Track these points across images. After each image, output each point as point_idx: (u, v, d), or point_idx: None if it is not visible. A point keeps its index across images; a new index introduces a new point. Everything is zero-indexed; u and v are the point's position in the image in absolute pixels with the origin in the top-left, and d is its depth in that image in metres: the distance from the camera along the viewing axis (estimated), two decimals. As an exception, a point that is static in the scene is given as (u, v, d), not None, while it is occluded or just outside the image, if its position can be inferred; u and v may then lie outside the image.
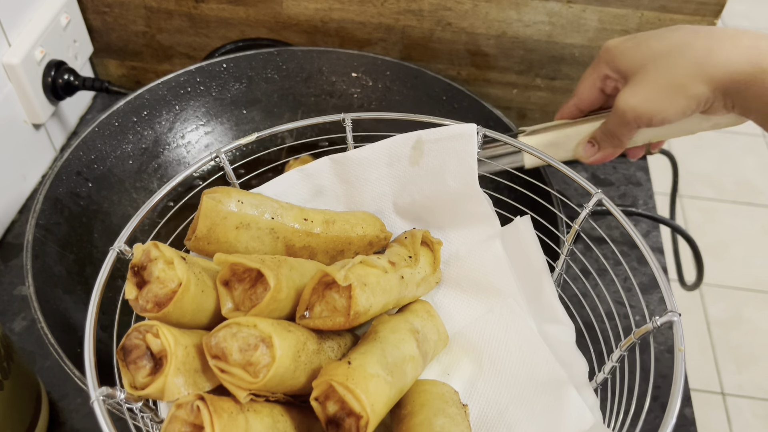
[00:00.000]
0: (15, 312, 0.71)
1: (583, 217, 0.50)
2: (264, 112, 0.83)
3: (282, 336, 0.41)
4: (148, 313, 0.42)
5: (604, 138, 0.59)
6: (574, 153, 0.62)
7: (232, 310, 0.44)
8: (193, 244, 0.48)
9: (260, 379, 0.39)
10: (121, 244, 0.46)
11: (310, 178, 0.54)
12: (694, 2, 0.77)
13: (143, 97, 0.76)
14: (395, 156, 0.54)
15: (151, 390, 0.40)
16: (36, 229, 0.63)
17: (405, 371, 0.45)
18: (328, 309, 0.44)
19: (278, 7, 0.84)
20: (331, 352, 0.46)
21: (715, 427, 1.57)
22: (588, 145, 0.61)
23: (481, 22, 0.82)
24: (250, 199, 0.49)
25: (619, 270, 0.75)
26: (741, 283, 1.81)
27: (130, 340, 0.41)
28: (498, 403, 0.50)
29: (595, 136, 0.60)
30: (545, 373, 0.50)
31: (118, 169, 0.74)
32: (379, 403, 0.41)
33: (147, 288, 0.42)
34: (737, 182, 2.00)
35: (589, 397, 0.49)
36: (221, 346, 0.40)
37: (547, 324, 0.53)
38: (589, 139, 0.60)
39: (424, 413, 0.44)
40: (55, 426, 0.63)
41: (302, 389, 0.43)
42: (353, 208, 0.56)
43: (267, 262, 0.43)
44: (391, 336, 0.47)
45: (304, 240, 0.50)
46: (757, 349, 1.70)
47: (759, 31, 0.53)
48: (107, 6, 0.86)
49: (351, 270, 0.44)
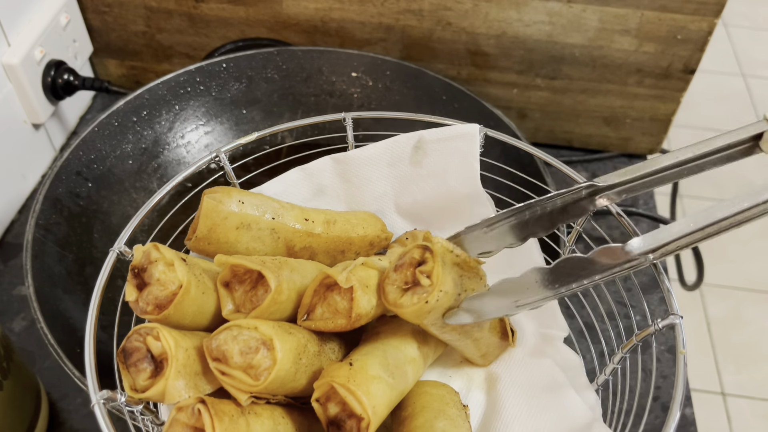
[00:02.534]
0: (14, 312, 0.71)
1: (585, 219, 0.50)
2: (264, 111, 0.83)
3: (283, 338, 0.40)
4: (149, 315, 0.42)
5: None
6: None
7: (233, 312, 0.44)
8: (194, 245, 0.47)
9: (261, 382, 0.39)
10: (121, 245, 0.46)
11: (311, 177, 0.54)
12: (694, 2, 0.77)
13: (143, 97, 0.76)
14: (397, 155, 0.53)
15: (152, 393, 0.39)
16: (35, 229, 0.63)
17: (406, 373, 0.45)
18: (330, 311, 0.44)
19: (278, 7, 0.84)
20: (332, 354, 0.46)
21: (715, 427, 1.57)
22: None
23: (481, 21, 0.82)
24: (251, 199, 0.48)
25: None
26: (741, 283, 1.81)
27: (131, 342, 0.41)
28: (498, 404, 0.50)
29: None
30: (544, 374, 0.50)
31: (117, 169, 0.74)
32: (381, 405, 0.41)
33: (147, 290, 0.42)
34: (737, 182, 2.00)
35: (590, 396, 0.49)
36: (222, 348, 0.40)
37: (545, 328, 0.53)
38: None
39: (425, 415, 0.44)
40: (55, 426, 0.63)
41: (303, 391, 0.43)
42: (354, 207, 0.56)
43: (268, 264, 0.43)
44: (392, 337, 0.47)
45: (305, 240, 0.50)
46: (757, 349, 1.70)
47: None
48: (107, 6, 0.86)
49: (353, 272, 0.44)
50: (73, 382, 0.53)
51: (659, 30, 0.80)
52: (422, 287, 0.42)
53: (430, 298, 0.41)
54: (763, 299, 1.79)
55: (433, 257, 0.42)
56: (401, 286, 0.43)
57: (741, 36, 2.49)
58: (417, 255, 0.43)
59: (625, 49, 0.82)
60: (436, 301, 0.41)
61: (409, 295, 0.42)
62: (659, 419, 0.41)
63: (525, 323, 0.54)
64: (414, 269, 0.42)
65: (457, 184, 0.53)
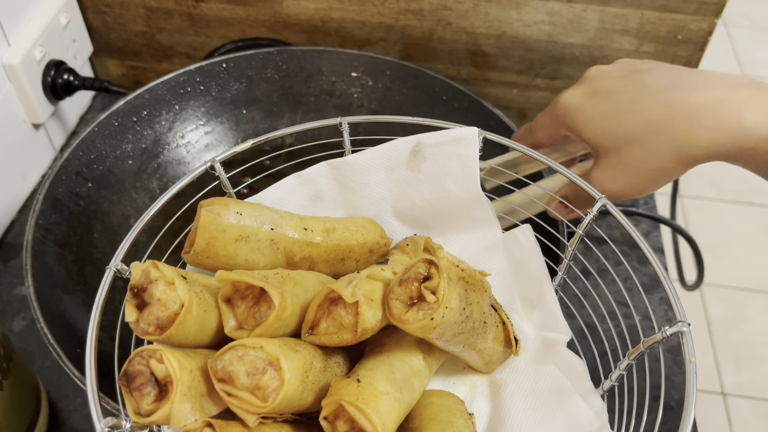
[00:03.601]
0: (14, 312, 0.71)
1: (587, 223, 0.50)
2: (264, 112, 0.83)
3: (290, 358, 0.40)
4: (150, 336, 0.41)
5: (578, 202, 0.56)
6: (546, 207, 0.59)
7: (236, 329, 0.43)
8: (192, 259, 0.46)
9: (270, 404, 0.38)
10: (118, 262, 0.45)
11: (307, 184, 0.54)
12: (694, 2, 0.77)
13: (143, 97, 0.76)
14: (394, 160, 0.53)
15: (157, 417, 0.39)
16: (35, 229, 0.63)
17: (413, 386, 0.45)
18: (335, 325, 0.44)
19: (278, 7, 0.84)
20: (337, 368, 0.45)
21: (715, 427, 1.57)
22: (560, 206, 0.58)
23: (481, 21, 0.82)
24: (249, 210, 0.47)
25: (620, 270, 0.75)
26: (741, 283, 1.81)
27: (133, 366, 0.40)
28: (503, 411, 0.49)
29: (568, 198, 0.57)
30: (549, 380, 0.50)
31: (117, 169, 0.74)
32: (390, 422, 0.40)
33: (148, 310, 0.41)
34: (737, 182, 1.99)
35: (595, 402, 0.48)
36: (228, 370, 0.39)
37: (547, 332, 0.53)
38: (560, 200, 0.55)
39: (433, 428, 0.43)
40: (55, 426, 0.63)
41: (310, 408, 0.42)
42: (352, 213, 0.55)
43: (270, 280, 0.42)
44: (397, 349, 0.46)
45: (305, 251, 0.49)
46: (757, 349, 1.70)
47: (744, 76, 0.50)
48: (107, 6, 0.86)
49: (358, 286, 0.43)
50: (73, 382, 0.53)
51: (659, 30, 0.80)
52: (428, 303, 0.42)
53: (435, 315, 0.41)
54: (763, 299, 1.79)
55: (439, 273, 0.42)
56: (406, 301, 0.43)
57: (741, 36, 2.49)
58: (422, 270, 0.42)
59: (626, 49, 0.82)
60: (442, 318, 0.41)
61: (414, 310, 0.42)
62: (664, 426, 0.41)
63: (526, 327, 0.53)
64: (419, 284, 0.42)
65: (457, 188, 0.52)
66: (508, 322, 0.50)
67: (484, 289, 0.46)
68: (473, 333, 0.46)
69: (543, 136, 0.59)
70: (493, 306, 0.49)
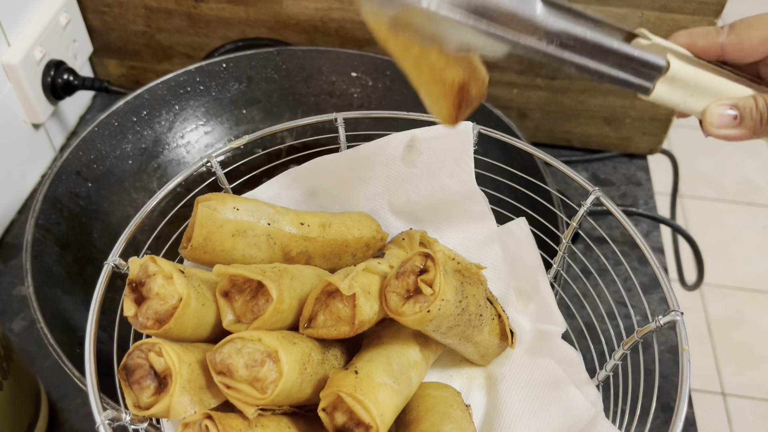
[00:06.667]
0: (14, 312, 0.71)
1: (581, 215, 0.50)
2: (264, 111, 0.83)
3: (288, 350, 0.40)
4: (149, 330, 0.41)
5: (750, 117, 0.46)
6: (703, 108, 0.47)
7: (234, 323, 0.43)
8: (189, 254, 0.47)
9: (268, 395, 0.39)
10: (116, 257, 0.45)
11: (303, 179, 0.54)
12: (694, 2, 0.77)
13: (143, 97, 0.76)
14: (390, 155, 0.53)
15: (157, 410, 0.39)
16: (35, 229, 0.63)
17: (410, 377, 0.45)
18: (332, 318, 0.44)
19: (278, 7, 0.84)
20: (335, 360, 0.45)
21: (715, 427, 1.56)
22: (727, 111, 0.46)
23: (481, 21, 0.81)
24: (245, 205, 0.48)
25: (620, 270, 0.75)
26: (741, 283, 1.81)
27: (132, 359, 0.40)
28: (499, 402, 0.50)
29: (740, 107, 0.46)
30: (544, 371, 0.50)
31: (117, 169, 0.74)
32: (388, 412, 0.41)
33: (146, 304, 0.41)
34: (737, 182, 1.99)
35: (591, 392, 0.49)
36: (226, 362, 0.39)
37: (542, 324, 0.53)
38: (731, 106, 0.46)
39: (430, 419, 0.44)
40: (55, 426, 0.63)
41: (308, 400, 0.43)
42: (348, 208, 0.55)
43: (268, 273, 0.43)
44: (394, 341, 0.46)
45: (302, 245, 0.49)
46: (757, 349, 1.70)
47: None
48: (107, 6, 0.86)
49: (355, 279, 0.43)
50: (72, 382, 0.53)
51: (659, 30, 0.80)
52: (424, 296, 0.42)
53: (431, 308, 0.41)
54: (763, 299, 1.78)
55: (435, 266, 0.42)
56: (403, 294, 0.43)
57: (741, 36, 2.48)
58: (419, 263, 0.43)
59: (625, 49, 0.82)
60: (438, 310, 0.42)
61: (411, 303, 0.42)
62: (659, 419, 0.41)
63: (521, 319, 0.54)
64: (416, 277, 0.43)
65: (452, 183, 0.52)
66: (503, 315, 0.50)
67: (480, 282, 0.46)
68: (469, 325, 0.46)
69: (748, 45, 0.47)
70: (489, 299, 0.50)
